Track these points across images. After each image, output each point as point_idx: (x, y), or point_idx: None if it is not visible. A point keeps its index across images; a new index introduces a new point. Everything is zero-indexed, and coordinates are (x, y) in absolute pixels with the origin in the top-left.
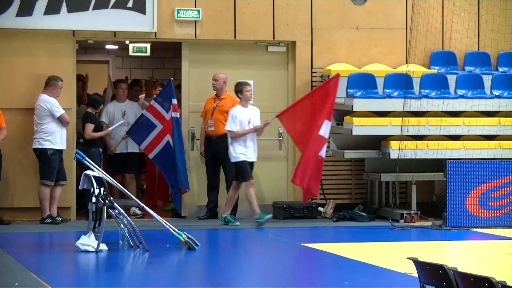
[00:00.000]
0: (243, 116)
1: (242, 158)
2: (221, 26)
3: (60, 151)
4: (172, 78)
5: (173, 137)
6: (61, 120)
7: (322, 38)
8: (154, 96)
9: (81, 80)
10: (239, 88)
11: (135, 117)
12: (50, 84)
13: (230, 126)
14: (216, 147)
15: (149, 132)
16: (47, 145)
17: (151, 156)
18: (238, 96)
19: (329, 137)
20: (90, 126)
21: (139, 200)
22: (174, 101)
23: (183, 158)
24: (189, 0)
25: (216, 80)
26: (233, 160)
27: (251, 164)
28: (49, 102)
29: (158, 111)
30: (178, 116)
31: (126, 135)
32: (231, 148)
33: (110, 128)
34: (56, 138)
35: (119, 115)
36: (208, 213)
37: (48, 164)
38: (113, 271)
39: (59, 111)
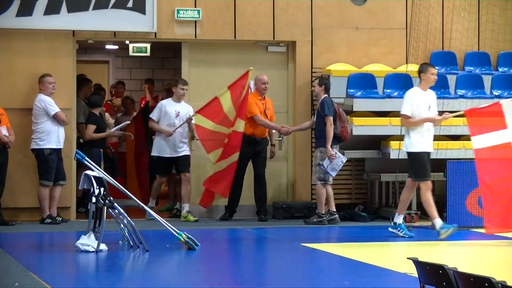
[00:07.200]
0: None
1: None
2: (221, 26)
3: (58, 151)
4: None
5: None
6: (56, 119)
7: (322, 38)
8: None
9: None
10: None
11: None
12: (39, 81)
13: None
14: (260, 147)
15: None
16: (43, 145)
17: None
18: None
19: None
20: (91, 127)
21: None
22: None
23: None
24: (189, 0)
25: (268, 83)
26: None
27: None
28: (43, 101)
29: None
30: None
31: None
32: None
33: (112, 130)
34: (52, 137)
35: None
36: (228, 213)
37: (46, 164)
38: (113, 271)
39: (54, 109)
